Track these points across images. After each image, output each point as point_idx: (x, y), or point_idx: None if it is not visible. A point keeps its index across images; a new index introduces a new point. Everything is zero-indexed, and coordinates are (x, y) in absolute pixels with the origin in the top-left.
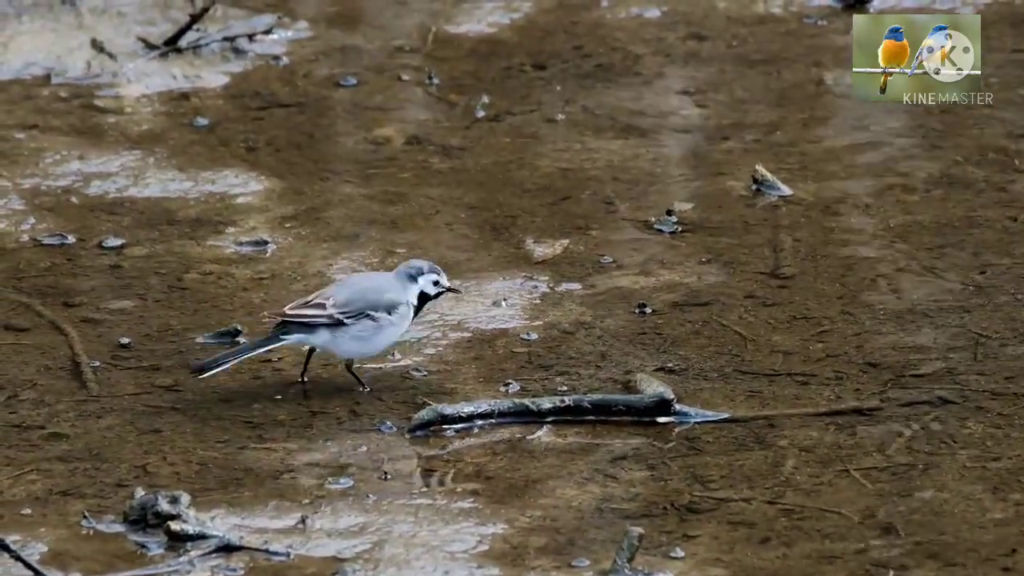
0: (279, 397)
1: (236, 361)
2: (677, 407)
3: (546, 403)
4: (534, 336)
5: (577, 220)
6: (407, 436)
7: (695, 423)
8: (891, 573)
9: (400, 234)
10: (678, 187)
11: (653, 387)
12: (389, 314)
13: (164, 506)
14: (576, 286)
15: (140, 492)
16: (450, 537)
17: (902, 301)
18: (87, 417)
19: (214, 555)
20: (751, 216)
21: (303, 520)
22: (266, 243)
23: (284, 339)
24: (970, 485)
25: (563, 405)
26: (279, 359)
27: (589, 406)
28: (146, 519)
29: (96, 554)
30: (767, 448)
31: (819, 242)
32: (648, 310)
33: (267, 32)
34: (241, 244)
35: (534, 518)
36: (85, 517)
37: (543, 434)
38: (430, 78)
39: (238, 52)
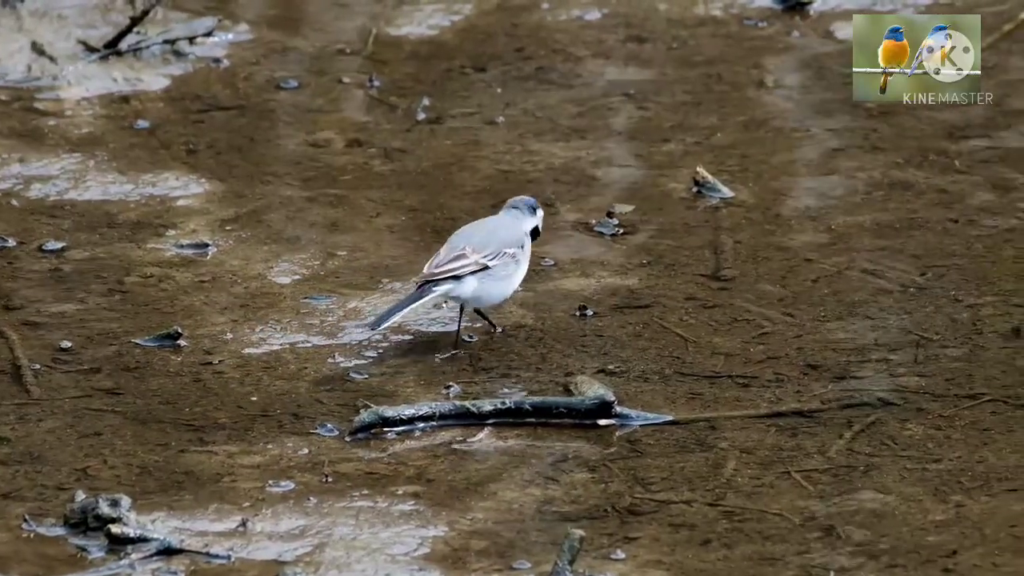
0: (220, 400)
1: (400, 315)
2: (618, 409)
3: (487, 405)
4: (475, 339)
5: None
6: (348, 439)
7: (636, 425)
8: (832, 575)
9: (341, 236)
10: (619, 189)
11: (594, 389)
12: (521, 248)
13: (105, 509)
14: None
15: (81, 495)
16: (391, 540)
17: (843, 303)
18: (28, 420)
19: (155, 558)
20: (692, 218)
21: (244, 523)
22: (207, 246)
23: (435, 289)
24: (911, 487)
25: (504, 407)
26: (219, 361)
27: (530, 408)
28: (87, 522)
29: (36, 557)
30: (708, 450)
31: (760, 244)
32: (589, 312)
33: (208, 35)
34: (182, 247)
35: (475, 521)
36: (26, 520)
37: (484, 437)
38: (371, 81)
39: (179, 55)
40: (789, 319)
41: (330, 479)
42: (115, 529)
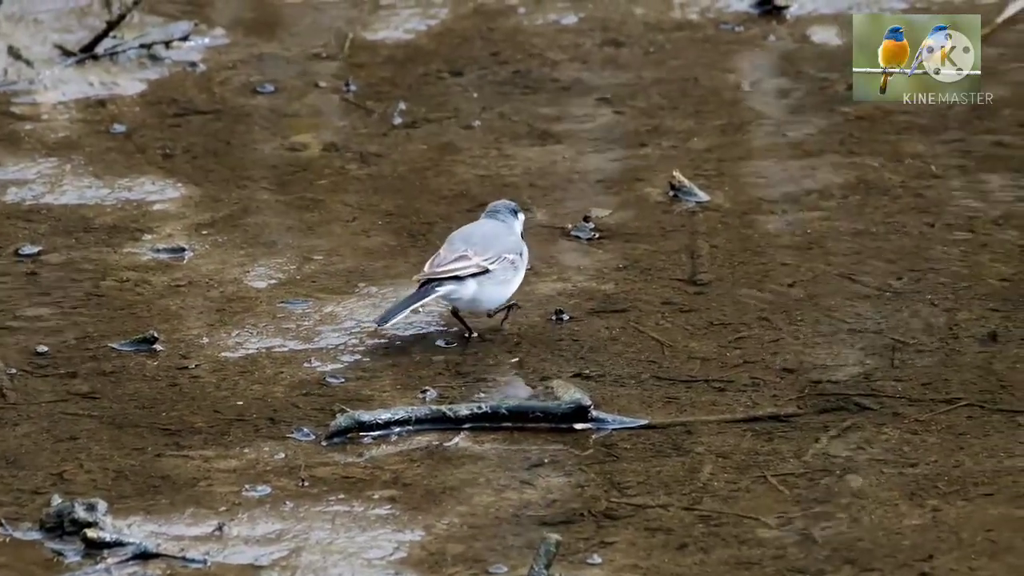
0: (196, 404)
1: (406, 312)
2: (594, 414)
3: (463, 410)
4: (451, 343)
5: None
6: (324, 443)
7: (612, 430)
8: None
9: (317, 240)
10: (595, 194)
11: (570, 394)
12: (520, 256)
13: (81, 513)
14: None
15: (57, 499)
16: (367, 544)
17: (819, 307)
18: (4, 424)
19: (131, 562)
20: (668, 222)
21: (220, 527)
22: (183, 250)
23: (437, 290)
24: (887, 491)
25: (480, 412)
26: (196, 366)
27: (506, 413)
28: (63, 526)
29: (13, 561)
30: (684, 454)
31: (736, 248)
32: (565, 316)
33: (184, 39)
34: (158, 251)
35: (451, 525)
36: (1, 524)
37: (460, 441)
38: (347, 85)
39: (155, 59)
40: (765, 323)
41: (306, 483)
42: (91, 533)
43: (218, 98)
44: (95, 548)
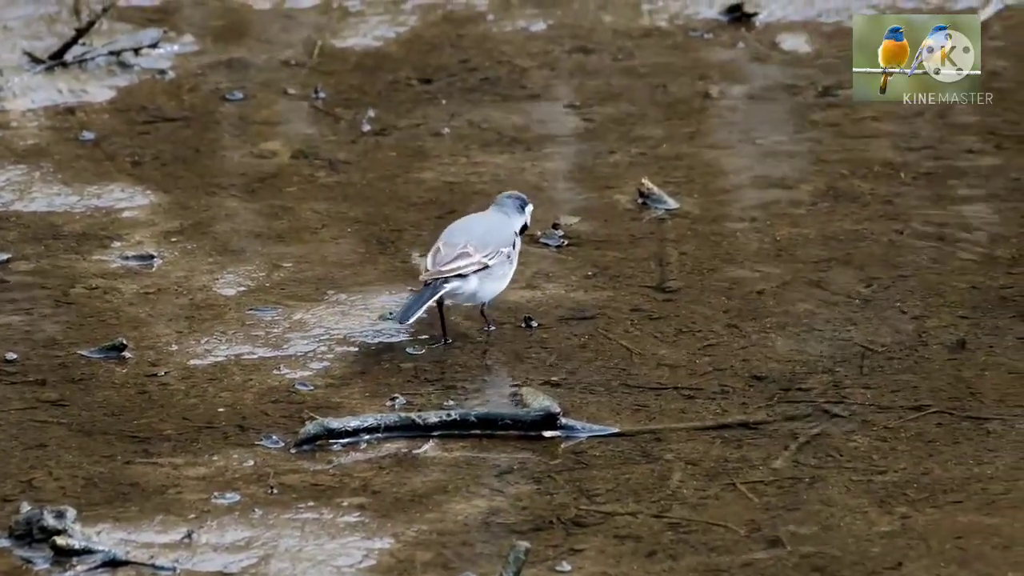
0: (165, 412)
1: (422, 310)
2: (563, 421)
3: (432, 417)
4: (420, 350)
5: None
6: (293, 451)
7: (582, 437)
8: None
9: (286, 248)
10: (564, 201)
11: (539, 401)
12: (514, 248)
13: (50, 521)
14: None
15: (26, 507)
16: (337, 551)
17: (788, 314)
18: None
19: (100, 570)
20: (637, 230)
21: (189, 535)
22: (152, 257)
23: (444, 286)
24: (856, 498)
25: (449, 419)
26: (165, 373)
27: (475, 420)
28: (32, 534)
29: None
30: (653, 462)
31: (705, 256)
32: (534, 324)
33: (153, 46)
34: (127, 258)
35: (421, 532)
36: None
37: (429, 448)
38: (316, 92)
39: (124, 66)
40: (734, 330)
41: (275, 491)
42: (60, 541)
43: (187, 105)
44: (64, 556)
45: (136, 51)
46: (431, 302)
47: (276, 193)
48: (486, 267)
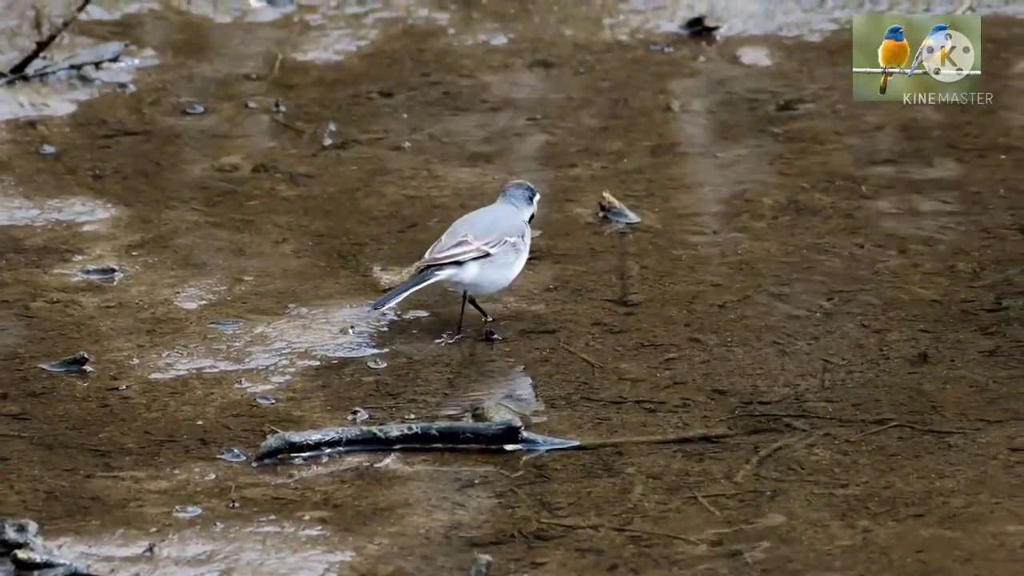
0: (127, 425)
1: (403, 296)
2: (525, 435)
3: (394, 431)
4: (382, 364)
5: (424, 247)
6: (255, 464)
7: (543, 451)
8: None
9: (247, 261)
10: None
11: (501, 415)
12: (522, 238)
13: (11, 534)
14: (423, 314)
15: None
16: (298, 565)
17: (750, 328)
18: None
19: None
20: (598, 243)
21: (151, 548)
22: (113, 271)
23: (437, 274)
24: (818, 512)
25: (411, 433)
26: (126, 387)
27: (437, 434)
28: None
29: None
30: (615, 475)
31: (666, 269)
32: (496, 337)
33: (114, 60)
34: (88, 272)
35: (382, 546)
36: None
37: (391, 462)
38: (277, 106)
39: (85, 80)
40: (696, 344)
41: (237, 504)
42: (21, 554)
43: (148, 119)
44: (25, 569)
45: (97, 65)
46: (412, 290)
47: (237, 207)
48: (487, 255)
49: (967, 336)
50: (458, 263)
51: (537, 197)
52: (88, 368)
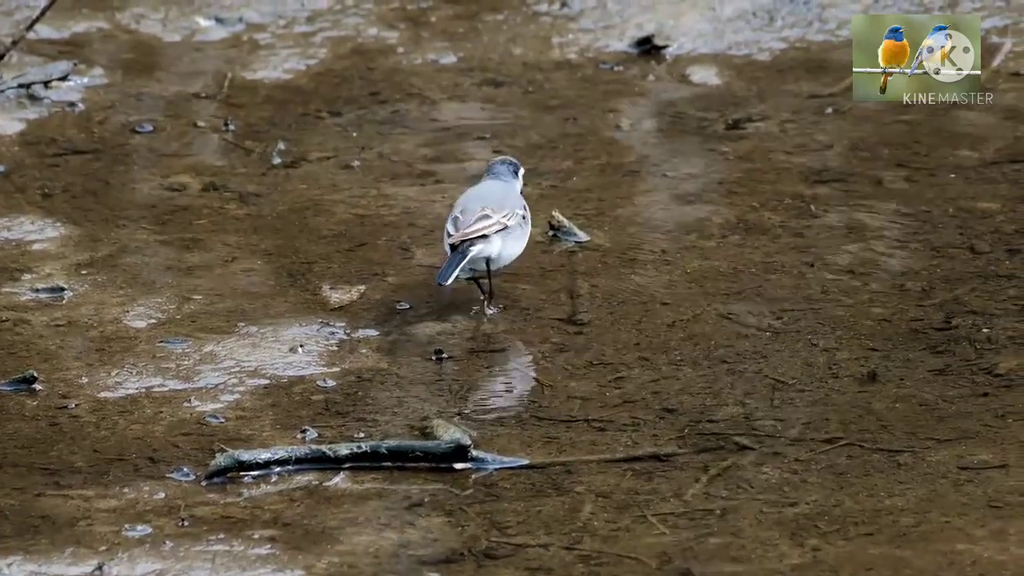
0: (76, 444)
1: (458, 271)
2: (474, 453)
3: (343, 449)
4: (331, 383)
5: (374, 266)
6: (204, 483)
7: (492, 469)
8: None
9: (197, 280)
10: None
11: (450, 433)
12: (526, 209)
13: None
14: (373, 332)
15: None
16: None
17: (699, 347)
18: None
19: None
20: (548, 262)
21: (100, 567)
22: (63, 290)
23: (471, 248)
24: (767, 530)
25: (360, 451)
26: (75, 405)
27: (386, 452)
28: None
29: None
30: (564, 494)
31: (616, 288)
32: (445, 356)
33: (63, 79)
34: (37, 291)
35: (331, 564)
36: None
37: (340, 480)
38: (226, 125)
39: (34, 99)
40: (645, 363)
41: (186, 523)
42: None
43: (97, 138)
44: None
45: (46, 84)
46: (463, 263)
47: (186, 225)
48: (506, 227)
49: (916, 355)
50: (485, 236)
51: (522, 171)
52: (37, 387)
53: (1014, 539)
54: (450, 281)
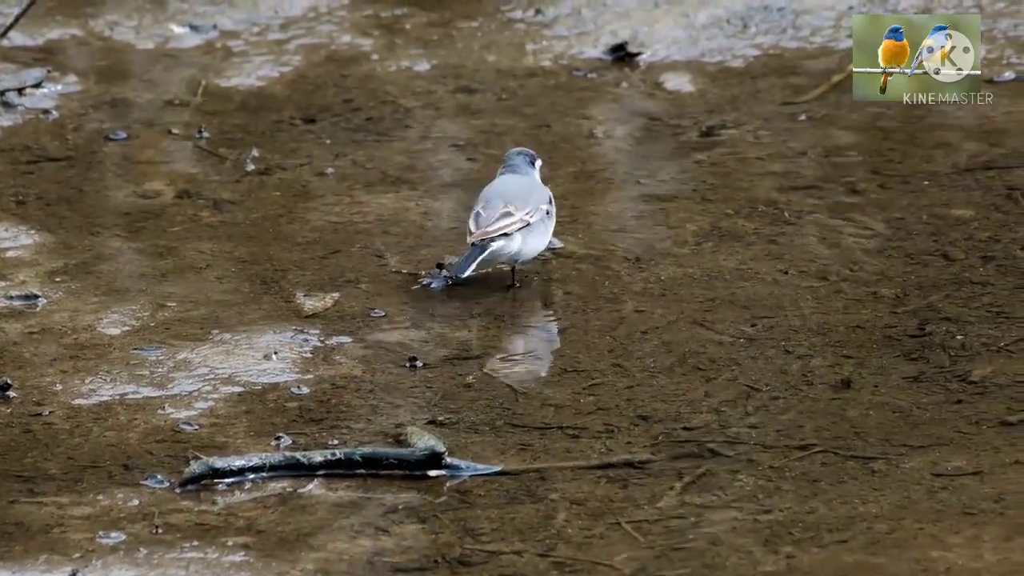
0: (50, 451)
1: (473, 266)
2: (448, 460)
3: (317, 456)
4: (305, 390)
5: (348, 274)
6: (178, 490)
7: (466, 476)
8: None
9: (171, 287)
10: (449, 241)
11: (424, 440)
12: (551, 202)
13: None
14: (347, 340)
15: None
16: None
17: (673, 354)
18: None
19: None
20: (522, 269)
21: (74, 574)
22: (36, 297)
23: (491, 246)
24: (741, 538)
25: (334, 458)
26: (49, 412)
27: (360, 459)
28: None
29: None
30: (538, 501)
31: (590, 295)
32: (419, 363)
33: (37, 86)
34: (11, 298)
35: (305, 571)
36: None
37: (314, 488)
38: (200, 132)
39: (7, 106)
40: (619, 370)
41: (160, 530)
42: None
43: (71, 145)
44: None
45: (20, 91)
46: (480, 259)
47: (160, 233)
48: (528, 224)
49: (890, 362)
50: (506, 235)
51: (539, 163)
52: (11, 394)
53: (988, 546)
54: (466, 275)
